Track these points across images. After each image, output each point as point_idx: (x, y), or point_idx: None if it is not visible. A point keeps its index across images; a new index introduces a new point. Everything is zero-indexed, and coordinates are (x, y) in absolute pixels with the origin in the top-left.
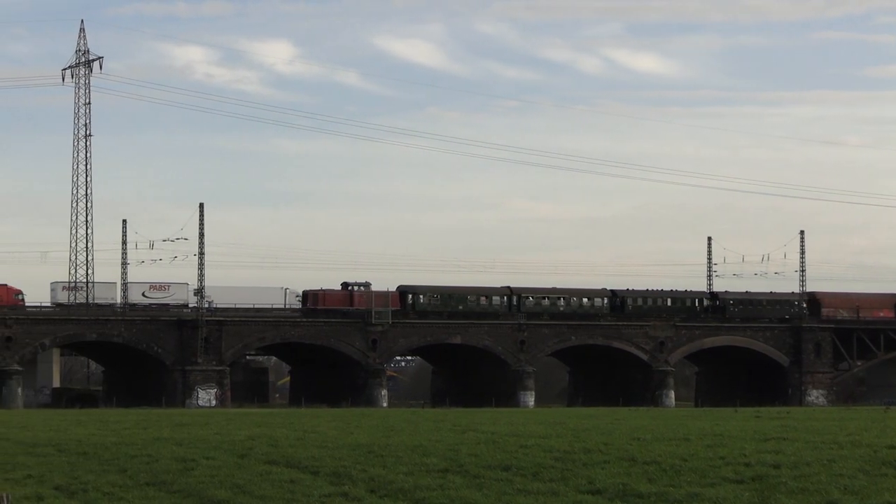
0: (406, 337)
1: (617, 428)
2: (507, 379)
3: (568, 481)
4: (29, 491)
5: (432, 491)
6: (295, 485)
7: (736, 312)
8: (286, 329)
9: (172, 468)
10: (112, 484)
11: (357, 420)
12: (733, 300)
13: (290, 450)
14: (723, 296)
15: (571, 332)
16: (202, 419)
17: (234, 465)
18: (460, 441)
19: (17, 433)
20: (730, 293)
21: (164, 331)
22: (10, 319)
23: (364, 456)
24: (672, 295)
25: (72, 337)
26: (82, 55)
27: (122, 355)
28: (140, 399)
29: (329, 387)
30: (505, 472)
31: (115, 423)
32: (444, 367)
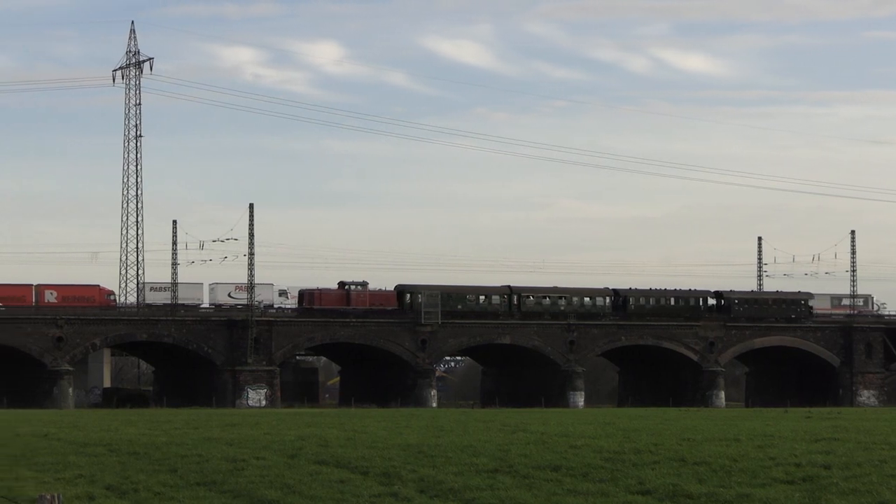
0: (455, 337)
1: (667, 428)
2: (557, 379)
3: (618, 482)
4: (80, 491)
5: (482, 491)
6: (345, 485)
7: (741, 312)
8: (335, 329)
9: (223, 468)
10: (163, 484)
11: (406, 420)
12: (738, 300)
13: (339, 450)
14: (727, 295)
15: (621, 332)
16: (252, 419)
17: (284, 465)
18: (510, 441)
19: (68, 433)
20: (735, 292)
21: (215, 331)
22: (62, 320)
23: (414, 456)
24: (676, 294)
25: (122, 337)
26: (133, 56)
27: (173, 355)
28: (190, 399)
29: (378, 387)
30: (555, 472)
31: (166, 423)
32: (493, 368)
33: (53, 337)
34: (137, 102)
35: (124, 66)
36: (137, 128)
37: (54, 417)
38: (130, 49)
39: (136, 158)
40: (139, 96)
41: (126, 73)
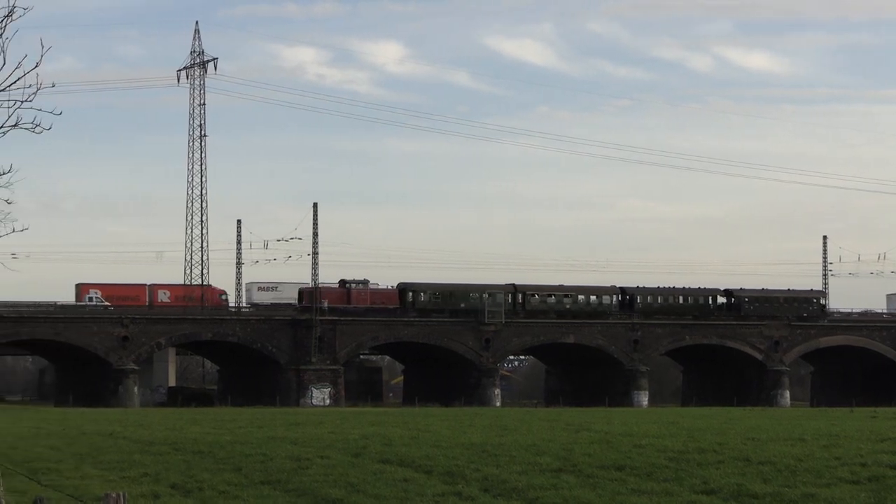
0: (519, 336)
1: (731, 428)
2: (621, 378)
3: (682, 481)
4: (145, 489)
5: (546, 490)
6: (408, 484)
7: (751, 310)
8: (399, 328)
9: (287, 467)
10: (227, 482)
11: (470, 419)
12: (748, 298)
13: (403, 449)
14: (737, 293)
15: (686, 331)
16: (316, 418)
17: (348, 463)
18: (574, 440)
19: (133, 432)
20: (745, 290)
21: (279, 330)
22: (127, 319)
23: (477, 455)
24: (684, 292)
25: (187, 336)
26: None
27: (237, 354)
28: (254, 398)
29: (442, 386)
30: (619, 471)
31: (231, 422)
32: (557, 367)
33: (119, 336)
34: (202, 102)
35: (188, 66)
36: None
37: (120, 416)
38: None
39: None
40: (203, 96)
41: (190, 73)
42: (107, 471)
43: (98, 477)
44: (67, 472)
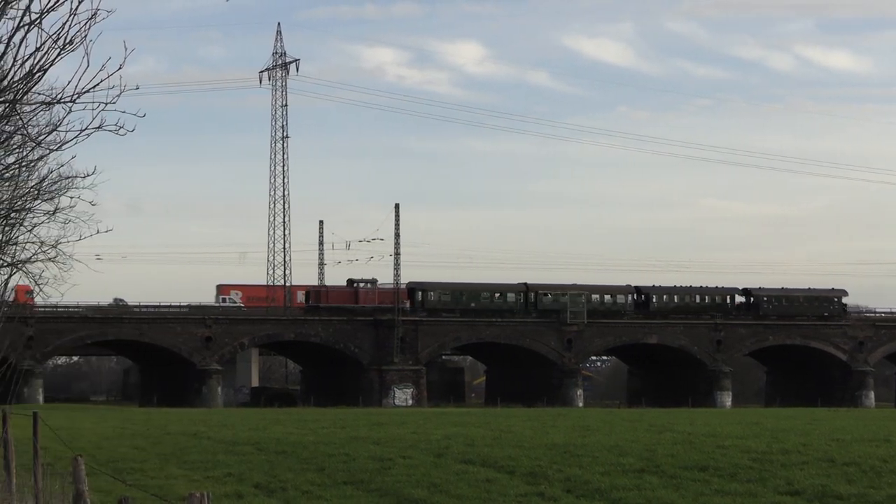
0: (601, 337)
1: (815, 429)
2: (704, 379)
3: (766, 482)
4: (229, 489)
5: (629, 491)
6: (491, 484)
7: (770, 310)
8: (481, 329)
9: (370, 467)
10: (310, 483)
11: (552, 420)
12: (767, 297)
13: (486, 449)
14: (756, 292)
15: (769, 331)
16: (399, 418)
17: (431, 464)
18: (657, 441)
19: (217, 432)
20: (764, 289)
21: (361, 331)
22: (210, 320)
23: (560, 456)
24: (701, 291)
25: (270, 337)
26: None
27: (320, 355)
28: (337, 398)
29: (524, 386)
30: (702, 472)
31: (313, 423)
32: (639, 367)
33: (202, 337)
34: (284, 103)
35: (271, 67)
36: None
37: (203, 416)
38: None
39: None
40: (285, 97)
41: (272, 74)
42: (191, 471)
43: (182, 477)
44: (152, 471)
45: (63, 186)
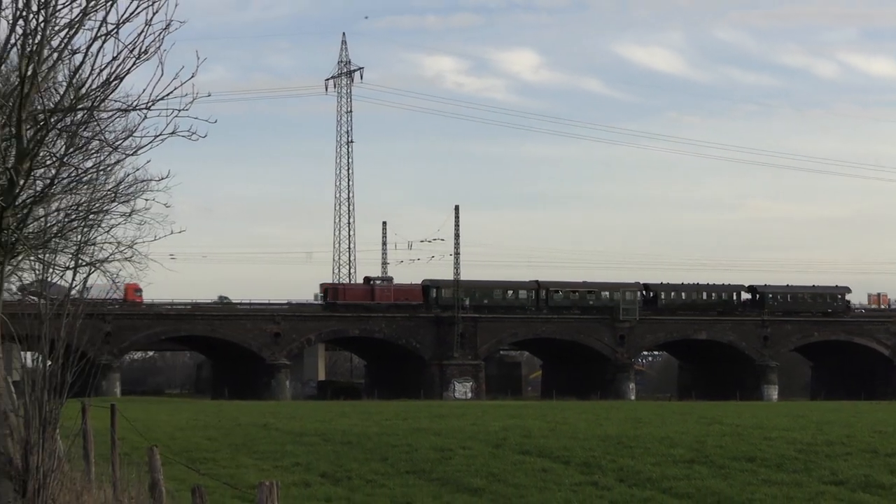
0: (653, 333)
1: (859, 421)
2: (751, 373)
3: (811, 472)
4: (297, 478)
5: (679, 481)
6: (547, 474)
7: (776, 306)
8: (537, 325)
9: (431, 457)
10: (374, 472)
11: (606, 412)
12: (772, 294)
13: (542, 440)
14: (761, 289)
15: (814, 328)
16: (459, 411)
17: (489, 454)
18: (706, 433)
19: (285, 423)
20: (769, 286)
21: (423, 327)
22: (279, 317)
23: (613, 447)
24: (707, 289)
25: (336, 333)
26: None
27: (383, 350)
28: (400, 391)
29: (579, 380)
30: (749, 462)
31: (377, 415)
32: (689, 362)
33: (271, 333)
34: (349, 110)
35: (336, 75)
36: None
37: (273, 408)
38: (342, 59)
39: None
40: (350, 104)
41: (338, 82)
42: (260, 460)
43: (252, 466)
44: (223, 461)
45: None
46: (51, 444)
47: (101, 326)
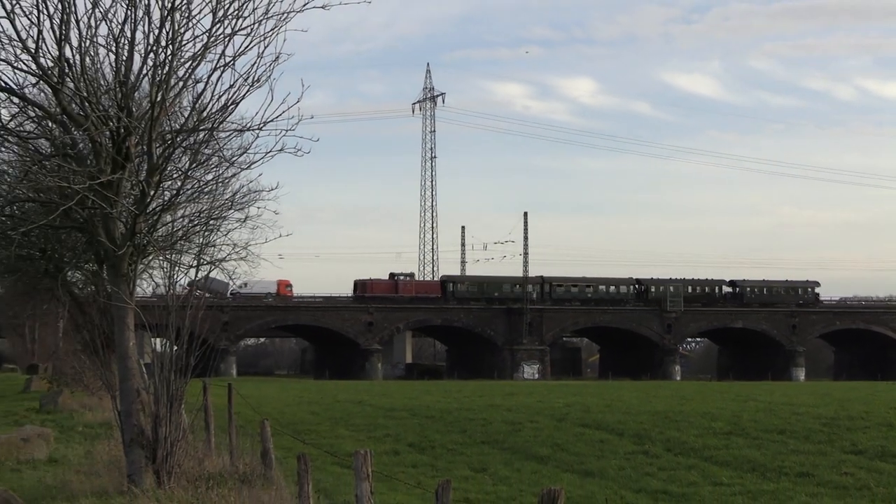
0: (696, 322)
1: (876, 398)
2: (781, 357)
3: (833, 443)
4: (388, 447)
5: (718, 450)
6: (604, 444)
7: (752, 298)
8: (596, 315)
9: (503, 429)
10: (454, 442)
11: (654, 391)
12: (749, 287)
13: (599, 415)
14: (740, 283)
15: (836, 318)
16: (527, 389)
17: (554, 427)
18: (742, 409)
19: (378, 400)
20: (747, 281)
21: (496, 317)
22: (372, 307)
23: (661, 420)
24: (693, 283)
25: (421, 322)
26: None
27: (461, 337)
28: (476, 373)
29: (631, 363)
30: (780, 434)
31: (457, 393)
32: (727, 347)
33: (365, 322)
34: (432, 129)
35: (421, 99)
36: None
37: (367, 387)
38: (426, 86)
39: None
40: (433, 124)
41: (423, 105)
42: (356, 432)
43: (349, 437)
44: (324, 432)
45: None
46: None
47: (219, 316)
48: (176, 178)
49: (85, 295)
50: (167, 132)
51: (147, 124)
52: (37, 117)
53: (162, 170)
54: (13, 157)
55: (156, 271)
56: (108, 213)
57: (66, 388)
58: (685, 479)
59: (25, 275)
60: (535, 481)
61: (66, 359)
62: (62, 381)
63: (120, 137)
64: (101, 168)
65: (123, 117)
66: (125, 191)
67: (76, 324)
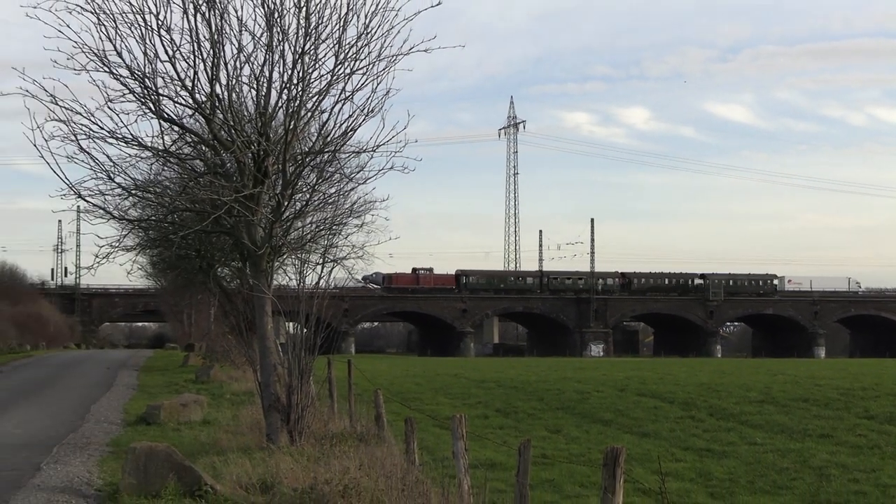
0: (734, 309)
1: (885, 373)
2: (805, 338)
3: (849, 409)
4: (478, 412)
5: (753, 415)
6: (657, 410)
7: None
8: (650, 303)
9: (574, 398)
10: (533, 408)
11: (699, 366)
12: (717, 279)
13: (653, 386)
14: (709, 276)
15: (851, 305)
16: (593, 365)
17: (616, 396)
18: (772, 381)
19: (470, 373)
20: (715, 274)
21: (568, 304)
22: (466, 296)
23: (705, 391)
24: (669, 276)
25: (506, 308)
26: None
27: (539, 321)
28: (551, 351)
29: (680, 343)
30: (804, 402)
31: (535, 367)
32: (760, 330)
33: (460, 309)
34: (515, 151)
35: (505, 126)
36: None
37: (461, 363)
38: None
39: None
40: (516, 146)
41: (507, 131)
42: (453, 399)
43: (447, 404)
44: (427, 400)
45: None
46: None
47: (340, 304)
48: (305, 191)
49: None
50: (298, 154)
51: (282, 147)
52: (193, 142)
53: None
54: (174, 174)
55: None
56: (250, 221)
57: (216, 363)
58: (725, 439)
59: (184, 271)
60: (601, 441)
61: (217, 339)
62: (213, 357)
63: (260, 158)
64: (245, 183)
65: (263, 142)
66: (264, 202)
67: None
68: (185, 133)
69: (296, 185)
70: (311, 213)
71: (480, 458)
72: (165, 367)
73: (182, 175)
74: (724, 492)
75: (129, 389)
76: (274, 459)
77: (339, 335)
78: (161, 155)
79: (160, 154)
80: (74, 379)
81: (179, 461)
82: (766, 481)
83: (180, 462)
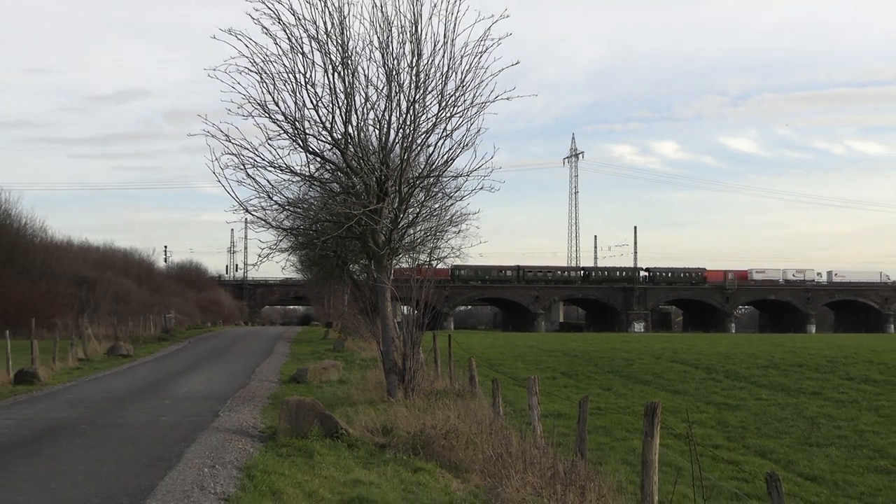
0: (745, 295)
1: (861, 344)
2: (800, 318)
3: (834, 372)
4: (548, 375)
5: (760, 377)
6: (685, 373)
7: (660, 280)
8: (680, 291)
9: (621, 364)
10: (590, 371)
11: (718, 340)
12: (660, 272)
13: (683, 354)
14: (653, 270)
15: (837, 292)
16: (636, 339)
17: (653, 362)
18: (774, 351)
19: (541, 345)
20: (658, 268)
21: (616, 292)
22: (539, 284)
23: (723, 358)
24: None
25: (568, 294)
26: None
27: (594, 304)
28: (603, 328)
29: (702, 321)
30: (799, 367)
31: (592, 340)
32: (766, 312)
33: (533, 296)
34: (575, 175)
35: (568, 156)
36: (576, 188)
37: (535, 337)
38: (572, 147)
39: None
40: (576, 171)
41: (570, 160)
42: (528, 364)
43: (524, 368)
44: (508, 365)
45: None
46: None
47: (443, 292)
48: (416, 206)
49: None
50: (410, 178)
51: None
52: (331, 170)
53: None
54: (317, 194)
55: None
56: (374, 229)
57: (349, 337)
58: (738, 395)
59: (324, 267)
60: (643, 396)
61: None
62: (347, 332)
63: (382, 181)
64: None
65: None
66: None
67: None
68: (325, 163)
69: (409, 201)
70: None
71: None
72: (311, 339)
73: (323, 194)
74: (737, 436)
75: (284, 356)
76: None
77: (442, 315)
78: (307, 179)
79: (307, 179)
80: (243, 348)
81: (321, 411)
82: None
83: (322, 411)
